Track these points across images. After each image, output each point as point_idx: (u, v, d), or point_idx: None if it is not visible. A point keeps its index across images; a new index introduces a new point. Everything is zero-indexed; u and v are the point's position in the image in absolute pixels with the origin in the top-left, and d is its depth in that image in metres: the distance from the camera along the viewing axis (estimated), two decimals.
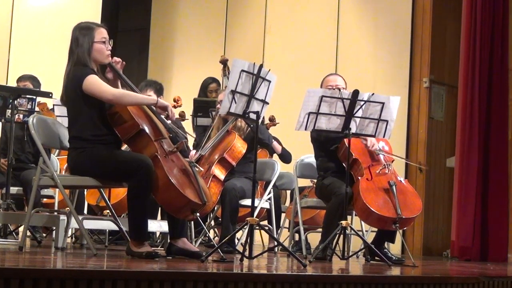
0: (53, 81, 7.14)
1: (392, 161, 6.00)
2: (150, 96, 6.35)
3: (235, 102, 4.78)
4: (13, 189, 6.45)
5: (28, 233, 5.76)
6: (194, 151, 6.49)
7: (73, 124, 4.85)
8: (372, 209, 5.49)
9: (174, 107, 7.01)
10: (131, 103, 4.77)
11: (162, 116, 4.91)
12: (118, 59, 4.93)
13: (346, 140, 5.65)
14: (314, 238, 6.64)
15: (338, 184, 5.69)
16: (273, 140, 7.41)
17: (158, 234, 6.94)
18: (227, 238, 5.25)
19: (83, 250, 5.50)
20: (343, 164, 5.77)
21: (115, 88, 4.88)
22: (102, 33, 4.85)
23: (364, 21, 9.14)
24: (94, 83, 4.70)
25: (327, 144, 5.95)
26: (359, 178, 5.70)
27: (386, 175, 5.78)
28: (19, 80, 7.09)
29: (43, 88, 7.06)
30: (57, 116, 6.69)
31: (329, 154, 5.96)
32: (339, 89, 5.72)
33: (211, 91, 7.94)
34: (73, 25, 4.91)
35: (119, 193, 6.55)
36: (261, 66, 4.85)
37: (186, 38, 10.93)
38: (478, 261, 7.01)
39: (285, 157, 7.54)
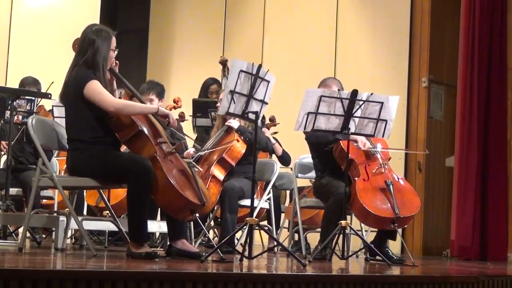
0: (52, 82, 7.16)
1: (389, 159, 5.99)
2: (151, 99, 6.37)
3: (234, 102, 4.78)
4: (13, 190, 6.46)
5: (28, 234, 5.76)
6: (192, 149, 6.49)
7: (71, 125, 4.85)
8: (370, 210, 5.49)
9: (174, 108, 7.01)
10: (132, 114, 4.78)
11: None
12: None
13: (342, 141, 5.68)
14: (314, 238, 6.64)
15: (335, 184, 5.69)
16: (274, 142, 7.43)
17: (157, 234, 6.94)
18: (226, 238, 5.26)
19: (82, 251, 5.50)
20: (339, 164, 5.78)
21: (111, 86, 4.89)
22: (114, 42, 4.90)
23: (363, 21, 9.14)
24: (96, 90, 4.69)
25: (319, 146, 5.96)
26: (356, 178, 5.69)
27: (382, 174, 5.77)
28: (27, 84, 7.06)
29: (42, 89, 7.06)
30: (55, 117, 6.69)
31: (325, 154, 5.95)
32: (338, 89, 5.73)
33: (211, 92, 7.95)
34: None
35: (119, 194, 6.55)
36: (259, 66, 4.86)
37: (185, 39, 10.93)
38: (478, 260, 7.00)
39: (285, 159, 7.53)
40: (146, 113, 4.88)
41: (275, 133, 7.77)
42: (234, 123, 6.31)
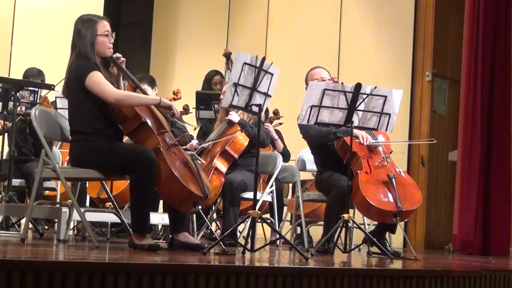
0: (55, 74, 7.15)
1: (391, 152, 5.98)
2: (145, 88, 6.37)
3: (238, 95, 4.78)
4: (16, 181, 6.46)
5: (30, 226, 5.76)
6: (195, 141, 6.48)
7: (74, 118, 4.84)
8: (372, 203, 5.48)
9: (174, 99, 7.01)
10: (133, 105, 4.77)
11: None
12: (119, 55, 4.91)
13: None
14: (316, 231, 6.64)
15: (337, 177, 5.68)
16: (277, 138, 7.42)
17: (160, 226, 6.94)
18: (229, 231, 5.25)
19: (85, 243, 5.50)
20: (340, 158, 5.77)
21: (118, 82, 4.89)
22: (105, 26, 4.83)
23: (367, 15, 9.13)
24: (97, 82, 4.68)
25: (319, 146, 5.96)
26: (358, 171, 5.68)
27: (385, 167, 5.76)
28: (31, 75, 7.05)
29: (49, 81, 7.05)
30: (58, 108, 6.69)
31: (324, 151, 5.95)
32: (342, 83, 5.72)
33: (215, 83, 7.95)
34: (75, 17, 4.89)
35: (120, 184, 6.55)
36: (263, 59, 4.85)
37: (188, 31, 10.92)
38: (480, 255, 7.00)
39: (284, 156, 7.53)
40: (148, 104, 4.87)
41: (280, 124, 7.76)
42: (235, 117, 6.30)
